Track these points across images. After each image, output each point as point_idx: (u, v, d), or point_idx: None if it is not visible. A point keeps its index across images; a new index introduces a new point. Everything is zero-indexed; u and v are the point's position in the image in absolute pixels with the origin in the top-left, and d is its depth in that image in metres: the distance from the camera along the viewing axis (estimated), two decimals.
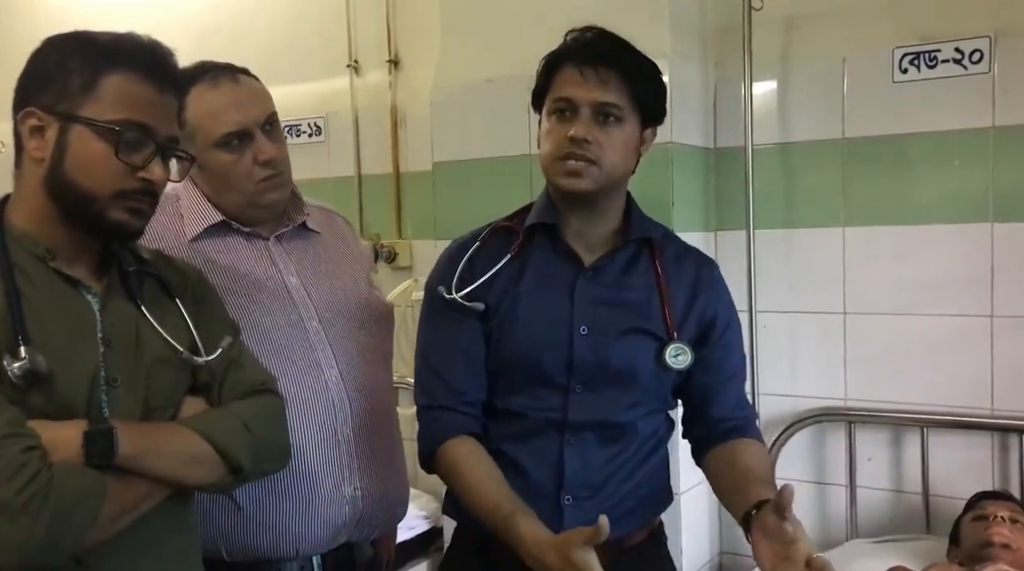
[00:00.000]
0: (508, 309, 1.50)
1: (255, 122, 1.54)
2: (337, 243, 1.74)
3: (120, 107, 1.17)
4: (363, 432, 1.60)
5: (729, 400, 1.56)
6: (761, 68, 2.45)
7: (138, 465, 1.15)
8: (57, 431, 1.10)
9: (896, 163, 2.36)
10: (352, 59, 3.13)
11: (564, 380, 1.47)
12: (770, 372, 2.50)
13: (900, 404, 2.37)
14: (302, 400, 1.54)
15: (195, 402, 1.30)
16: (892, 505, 2.43)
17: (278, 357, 1.53)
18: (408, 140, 3.05)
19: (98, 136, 1.16)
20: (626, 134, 1.45)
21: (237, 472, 1.26)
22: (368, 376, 1.63)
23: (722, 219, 2.56)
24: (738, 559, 2.60)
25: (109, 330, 1.21)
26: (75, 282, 1.20)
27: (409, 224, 3.09)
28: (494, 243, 1.55)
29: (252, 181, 1.55)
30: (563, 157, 1.43)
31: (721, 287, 1.59)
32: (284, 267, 1.61)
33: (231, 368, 1.34)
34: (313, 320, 1.59)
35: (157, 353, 1.25)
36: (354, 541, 1.62)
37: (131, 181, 1.18)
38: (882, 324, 2.40)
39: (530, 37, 2.40)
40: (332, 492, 1.55)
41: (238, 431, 1.27)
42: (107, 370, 1.19)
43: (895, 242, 2.37)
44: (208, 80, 1.54)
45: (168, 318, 1.29)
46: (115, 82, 1.17)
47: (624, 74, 1.43)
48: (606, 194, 1.48)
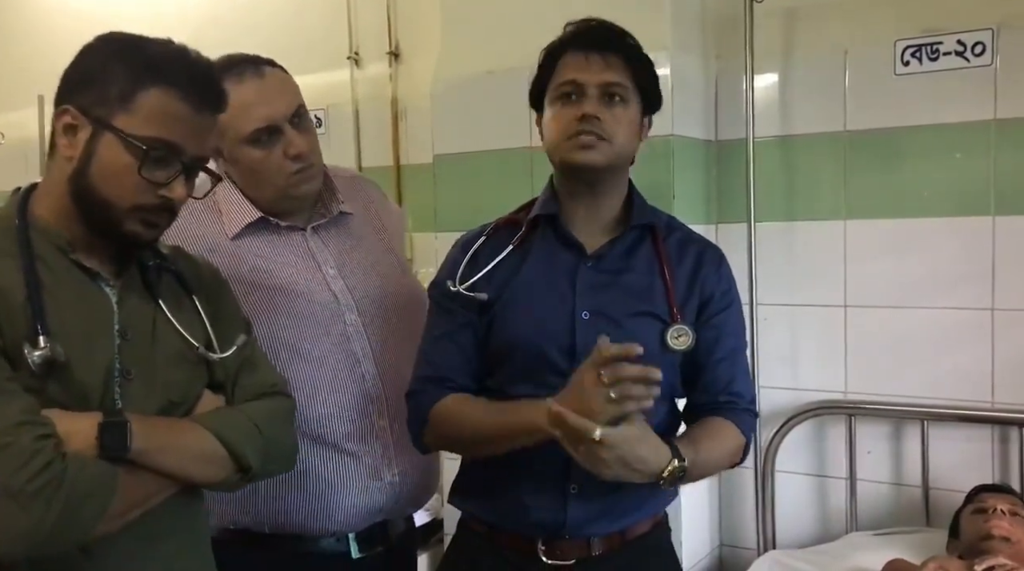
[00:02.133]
0: (510, 297, 1.52)
1: (283, 116, 1.55)
2: (370, 219, 1.76)
3: (153, 124, 1.17)
4: (399, 421, 1.62)
5: (715, 383, 1.54)
6: (762, 61, 2.45)
7: (150, 460, 1.16)
8: (72, 421, 1.10)
9: (898, 156, 2.35)
10: (352, 51, 3.13)
11: (567, 366, 1.48)
12: (770, 365, 2.50)
13: (900, 397, 2.37)
14: (339, 393, 1.59)
15: (213, 398, 1.31)
16: (892, 498, 2.43)
17: (314, 349, 1.57)
18: (409, 132, 3.05)
19: (126, 149, 1.16)
20: (631, 115, 1.48)
21: (245, 471, 1.28)
22: (402, 364, 1.65)
23: (723, 212, 2.56)
24: (737, 551, 2.60)
25: (126, 323, 1.22)
26: (94, 274, 1.21)
27: (410, 217, 3.08)
28: (499, 236, 1.58)
29: (284, 175, 1.56)
30: (575, 134, 1.45)
31: (723, 272, 1.59)
32: (322, 259, 1.64)
33: (244, 368, 1.36)
34: (352, 312, 1.63)
35: (173, 348, 1.27)
36: (389, 519, 1.68)
37: (151, 197, 1.19)
38: (883, 317, 2.40)
39: (531, 29, 2.39)
40: (372, 479, 1.60)
41: (250, 432, 1.28)
42: (122, 362, 1.20)
43: (896, 235, 2.37)
44: (234, 75, 1.53)
45: (184, 314, 1.30)
46: (153, 97, 1.17)
47: (627, 58, 1.47)
48: (612, 174, 1.51)
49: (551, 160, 1.53)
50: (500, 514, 1.53)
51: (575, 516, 1.48)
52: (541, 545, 1.50)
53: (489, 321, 1.53)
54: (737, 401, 1.55)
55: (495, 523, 1.54)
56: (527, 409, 1.40)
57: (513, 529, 1.52)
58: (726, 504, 2.62)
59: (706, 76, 2.53)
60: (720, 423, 1.52)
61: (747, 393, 1.58)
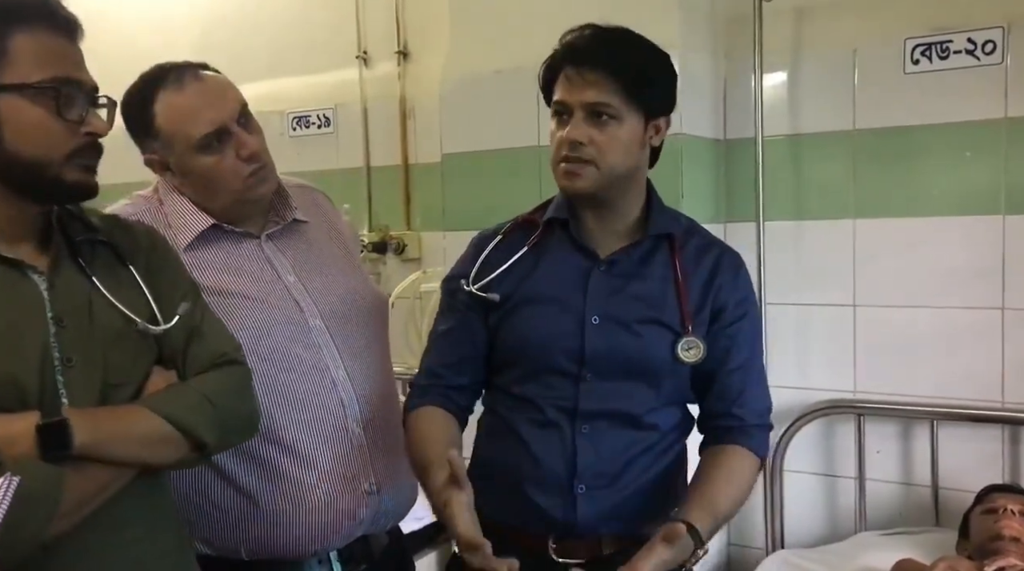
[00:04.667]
0: (521, 298, 1.52)
1: (230, 117, 1.50)
2: (325, 227, 1.72)
3: (43, 66, 1.11)
4: (372, 427, 1.60)
5: (728, 393, 1.52)
6: (771, 59, 2.44)
7: (97, 452, 1.11)
8: (8, 426, 1.05)
9: (907, 155, 2.35)
10: (361, 50, 3.13)
11: (575, 369, 1.48)
12: (779, 364, 2.49)
13: (910, 397, 2.36)
14: (311, 400, 1.54)
15: (164, 375, 1.25)
16: (901, 498, 2.42)
17: (283, 359, 1.53)
18: (417, 131, 3.05)
19: (31, 101, 1.10)
20: (625, 131, 1.44)
21: (201, 448, 1.23)
22: (372, 370, 1.63)
23: (732, 211, 2.55)
24: (746, 550, 2.60)
25: (59, 308, 1.15)
26: (17, 264, 1.15)
27: (418, 216, 3.09)
28: (515, 236, 1.58)
29: (240, 178, 1.52)
30: (561, 160, 1.45)
31: (740, 279, 1.57)
32: (280, 266, 1.59)
33: (193, 339, 1.29)
34: (316, 318, 1.58)
35: (114, 327, 1.20)
36: (370, 533, 1.62)
37: (78, 138, 1.14)
38: (892, 316, 2.39)
39: (539, 28, 2.40)
40: (349, 490, 1.55)
41: (200, 407, 1.23)
42: (61, 350, 1.14)
43: (906, 234, 2.36)
44: (172, 83, 1.49)
45: (123, 288, 1.24)
46: (27, 41, 1.10)
47: (613, 73, 1.41)
48: (612, 191, 1.49)
49: None
50: (511, 513, 1.53)
51: (585, 515, 1.48)
52: (552, 543, 1.50)
53: (499, 321, 1.54)
54: (747, 417, 1.53)
55: (506, 521, 1.54)
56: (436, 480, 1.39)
57: (524, 527, 1.52)
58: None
59: (715, 74, 2.53)
60: (732, 456, 1.50)
61: (760, 405, 1.56)
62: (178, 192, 1.56)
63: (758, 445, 1.53)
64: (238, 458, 1.51)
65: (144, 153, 1.56)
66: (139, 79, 1.54)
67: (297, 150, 3.19)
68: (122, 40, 3.21)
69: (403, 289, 2.92)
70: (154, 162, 1.55)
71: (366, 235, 3.06)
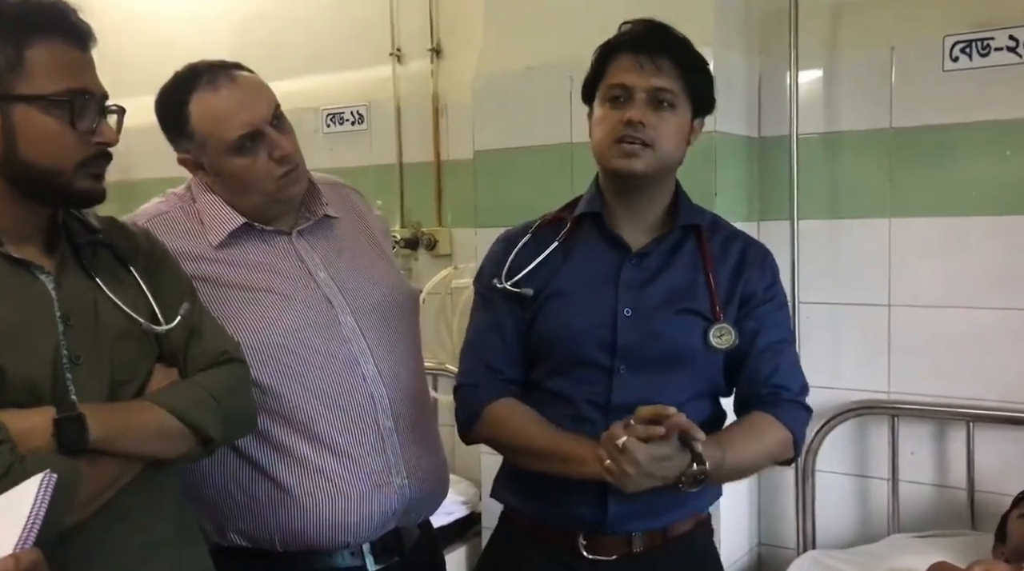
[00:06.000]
0: (553, 293, 1.53)
1: (264, 119, 1.52)
2: (356, 223, 1.74)
3: (56, 77, 1.14)
4: (402, 421, 1.61)
5: (757, 375, 1.53)
6: (807, 56, 2.42)
7: (110, 446, 1.15)
8: (25, 420, 1.08)
9: (945, 153, 2.31)
10: (395, 48, 3.14)
11: (608, 362, 1.49)
12: (812, 364, 2.45)
13: (945, 398, 2.33)
14: (341, 395, 1.56)
15: (166, 372, 1.30)
16: (936, 500, 2.39)
17: (314, 354, 1.55)
18: (449, 128, 3.06)
19: (44, 112, 1.14)
20: (679, 120, 1.48)
21: (207, 443, 1.27)
22: (401, 365, 1.65)
23: (765, 209, 2.54)
24: (777, 551, 2.58)
25: (66, 308, 1.19)
26: (27, 265, 1.18)
27: (450, 212, 3.10)
28: (544, 233, 1.59)
29: (272, 179, 1.54)
30: (618, 140, 1.45)
31: (767, 268, 1.58)
32: (311, 262, 1.61)
33: (193, 338, 1.33)
34: (347, 314, 1.60)
35: (118, 326, 1.24)
36: (402, 526, 1.64)
37: (89, 148, 1.17)
38: (928, 316, 2.36)
39: (572, 25, 2.41)
40: (381, 484, 1.57)
41: (205, 403, 1.27)
42: (69, 348, 1.18)
43: (943, 234, 2.33)
44: (206, 84, 1.51)
45: (124, 288, 1.27)
46: (42, 53, 1.13)
47: (678, 62, 1.46)
48: (657, 179, 1.50)
49: (596, 160, 1.53)
50: (542, 509, 1.54)
51: (616, 512, 1.49)
52: (582, 540, 1.51)
53: (532, 316, 1.55)
54: (780, 393, 1.52)
55: (537, 517, 1.56)
56: (580, 444, 1.42)
57: (555, 524, 1.53)
58: (765, 503, 2.60)
59: (749, 72, 2.51)
60: (758, 418, 1.50)
61: (793, 385, 1.55)
62: (211, 190, 1.58)
63: (789, 418, 1.51)
64: (274, 450, 1.53)
65: (178, 152, 1.58)
66: (172, 79, 1.55)
67: (331, 147, 3.21)
68: (159, 38, 3.26)
69: (434, 285, 2.93)
70: (187, 161, 1.57)
71: (398, 231, 3.08)
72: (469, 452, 2.67)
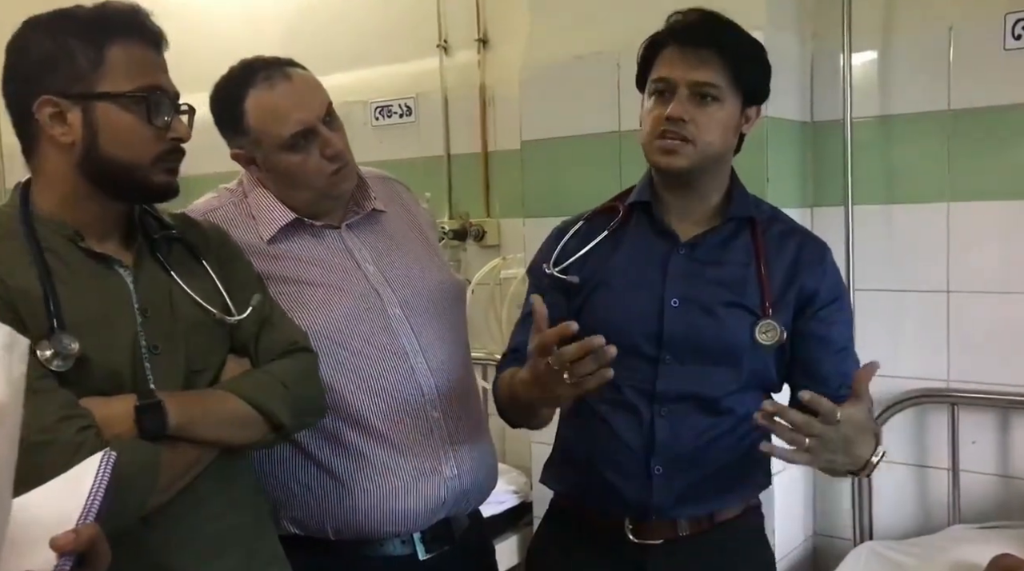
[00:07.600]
0: (601, 281, 1.54)
1: (317, 118, 1.54)
2: (404, 216, 1.76)
3: (133, 75, 1.21)
4: (451, 413, 1.63)
5: (832, 378, 1.50)
6: (861, 38, 2.37)
7: (188, 433, 1.21)
8: (109, 407, 1.14)
9: (1006, 135, 2.25)
10: (441, 39, 3.16)
11: (654, 351, 1.49)
12: (869, 352, 2.40)
13: (1008, 386, 2.27)
14: (390, 387, 1.57)
15: (239, 362, 1.35)
16: (998, 490, 2.34)
17: (364, 347, 1.57)
18: (497, 119, 3.07)
19: (123, 108, 1.20)
20: (724, 113, 1.46)
21: (279, 429, 1.32)
22: (449, 356, 1.66)
23: (819, 195, 2.49)
24: (832, 541, 2.55)
25: (144, 300, 1.25)
26: (106, 259, 1.24)
27: (497, 203, 3.10)
28: (596, 222, 1.60)
29: (323, 176, 1.56)
30: (659, 136, 1.45)
31: (828, 266, 1.55)
32: (360, 256, 1.63)
33: (265, 328, 1.39)
34: (395, 307, 1.61)
35: (192, 317, 1.30)
36: (452, 516, 1.65)
37: (165, 143, 1.24)
38: (989, 303, 2.30)
39: (619, 13, 2.39)
40: (430, 474, 1.58)
41: (277, 391, 1.32)
42: (147, 339, 1.23)
43: (1003, 218, 2.27)
44: (263, 81, 1.53)
45: (197, 281, 1.33)
46: (120, 53, 1.20)
47: (723, 54, 1.44)
48: (703, 172, 1.49)
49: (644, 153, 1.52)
50: (589, 493, 1.55)
51: (661, 497, 1.49)
52: (628, 524, 1.51)
53: (579, 304, 1.55)
54: None
55: (584, 502, 1.56)
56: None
57: (602, 508, 1.54)
58: (821, 493, 2.57)
59: (802, 55, 2.46)
60: None
61: None
62: (262, 186, 1.60)
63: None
64: (326, 441, 1.56)
65: (231, 147, 1.61)
66: (227, 76, 1.58)
67: (379, 139, 3.24)
68: (212, 35, 3.31)
69: (483, 276, 2.94)
70: (240, 156, 1.60)
71: (446, 222, 3.09)
72: (520, 441, 2.68)
